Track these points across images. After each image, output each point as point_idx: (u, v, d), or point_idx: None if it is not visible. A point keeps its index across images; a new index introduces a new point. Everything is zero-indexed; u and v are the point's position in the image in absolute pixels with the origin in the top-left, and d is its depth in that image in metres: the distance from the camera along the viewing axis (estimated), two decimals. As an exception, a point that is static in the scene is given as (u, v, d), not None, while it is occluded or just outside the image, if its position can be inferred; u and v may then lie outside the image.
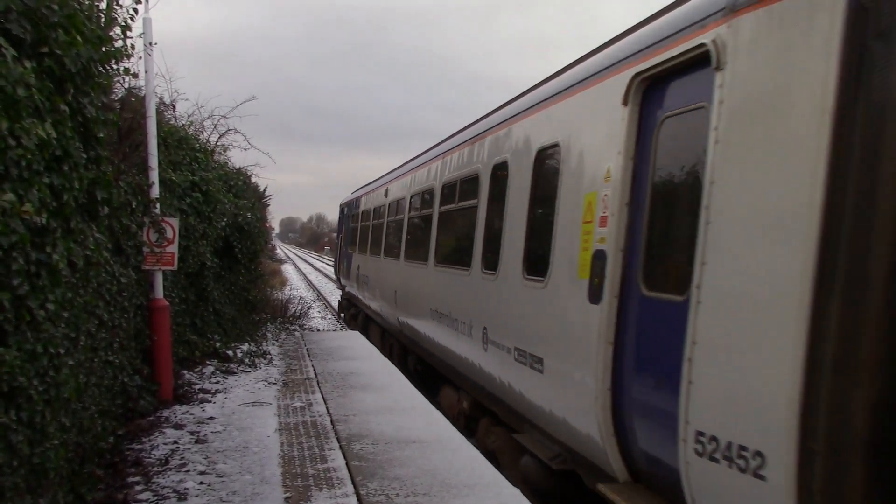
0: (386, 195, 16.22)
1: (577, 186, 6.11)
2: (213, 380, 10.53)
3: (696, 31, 4.66)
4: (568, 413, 6.01)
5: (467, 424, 9.35)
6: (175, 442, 7.35)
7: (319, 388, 10.08)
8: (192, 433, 7.70)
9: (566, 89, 6.75)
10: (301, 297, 28.41)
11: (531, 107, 7.62)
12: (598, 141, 5.87)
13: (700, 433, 4.17)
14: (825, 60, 3.56)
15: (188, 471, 6.49)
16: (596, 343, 5.41)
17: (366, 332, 17.93)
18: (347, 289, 22.52)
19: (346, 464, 6.63)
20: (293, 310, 21.86)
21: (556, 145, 6.69)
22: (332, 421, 8.20)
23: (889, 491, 3.43)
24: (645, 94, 5.35)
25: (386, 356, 13.39)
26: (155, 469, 6.51)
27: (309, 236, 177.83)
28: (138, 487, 6.04)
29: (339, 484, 6.11)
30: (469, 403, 9.30)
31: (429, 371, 11.92)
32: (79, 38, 4.87)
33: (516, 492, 5.97)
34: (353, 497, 5.81)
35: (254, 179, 23.33)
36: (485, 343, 8.16)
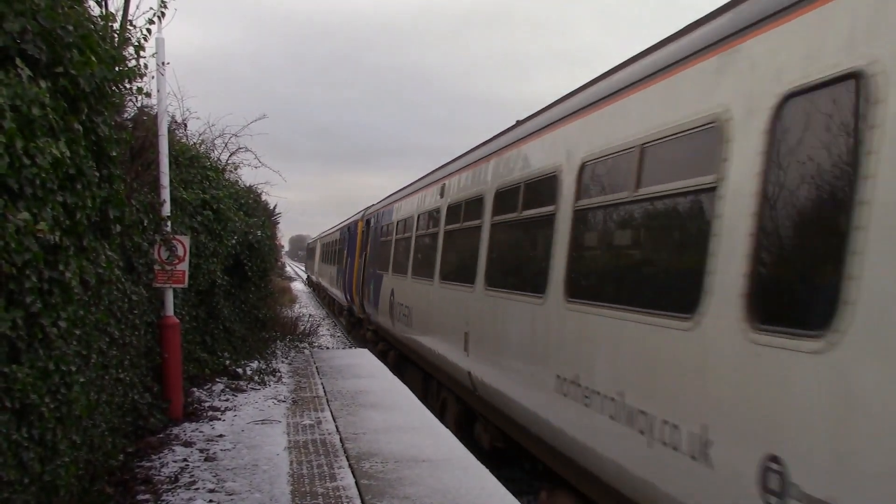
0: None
1: None
2: (223, 397, 10.53)
3: None
4: None
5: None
6: (185, 459, 7.34)
7: (329, 406, 10.06)
8: (201, 451, 7.69)
9: None
10: (311, 315, 28.44)
11: None
12: None
13: None
14: None
15: (198, 489, 6.47)
16: None
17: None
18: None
19: (356, 482, 6.60)
20: (302, 327, 21.88)
21: None
22: (341, 439, 8.18)
23: None
24: None
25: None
26: (164, 487, 6.50)
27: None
28: (148, 505, 6.03)
29: (348, 503, 6.07)
30: None
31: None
32: (93, 58, 4.93)
33: (527, 511, 5.94)
34: (362, 516, 5.78)
35: (264, 197, 23.47)
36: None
